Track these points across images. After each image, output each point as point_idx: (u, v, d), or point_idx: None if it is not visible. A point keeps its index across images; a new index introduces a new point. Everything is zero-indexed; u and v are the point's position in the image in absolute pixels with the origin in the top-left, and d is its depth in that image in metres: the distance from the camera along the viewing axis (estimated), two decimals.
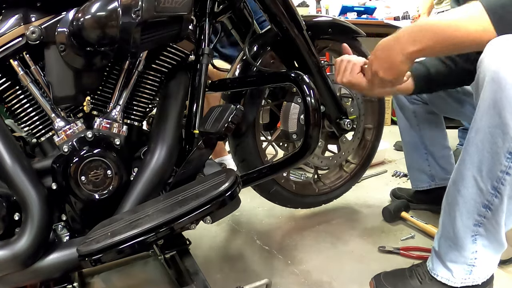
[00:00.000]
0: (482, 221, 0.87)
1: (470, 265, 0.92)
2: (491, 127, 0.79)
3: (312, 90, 0.96)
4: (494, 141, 0.79)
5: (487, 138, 0.81)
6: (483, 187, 0.84)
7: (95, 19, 0.77)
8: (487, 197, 0.84)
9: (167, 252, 1.06)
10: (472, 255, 0.91)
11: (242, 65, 1.22)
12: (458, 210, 0.89)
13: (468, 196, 0.87)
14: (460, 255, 0.92)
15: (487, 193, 0.84)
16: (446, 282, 0.94)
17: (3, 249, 0.77)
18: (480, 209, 0.86)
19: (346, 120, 1.32)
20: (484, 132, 0.81)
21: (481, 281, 0.93)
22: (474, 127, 0.83)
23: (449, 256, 0.94)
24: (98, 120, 0.88)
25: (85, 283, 1.14)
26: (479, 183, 0.84)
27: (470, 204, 0.87)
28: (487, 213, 0.86)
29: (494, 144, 0.80)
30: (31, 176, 0.80)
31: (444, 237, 0.95)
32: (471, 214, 0.88)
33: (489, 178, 0.83)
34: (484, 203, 0.85)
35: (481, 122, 0.81)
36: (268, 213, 1.57)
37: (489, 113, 0.79)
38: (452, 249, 0.93)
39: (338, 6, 3.49)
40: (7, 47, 0.81)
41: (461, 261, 0.92)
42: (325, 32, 1.31)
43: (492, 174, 0.82)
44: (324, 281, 1.12)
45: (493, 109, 0.78)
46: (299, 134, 1.22)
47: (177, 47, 0.98)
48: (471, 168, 0.85)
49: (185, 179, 0.93)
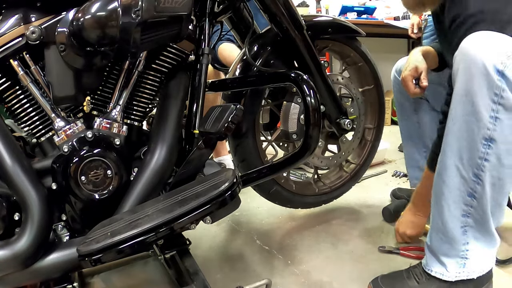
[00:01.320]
0: (469, 210, 0.88)
1: (463, 257, 0.92)
2: (466, 115, 0.82)
3: (312, 90, 0.96)
4: (470, 128, 0.82)
5: (463, 127, 0.83)
6: (465, 175, 0.86)
7: (95, 19, 0.77)
8: (471, 185, 0.86)
9: (167, 252, 1.06)
10: (464, 247, 0.91)
11: (242, 65, 1.22)
12: (444, 200, 0.91)
13: (453, 185, 0.88)
14: (452, 248, 0.92)
15: (470, 181, 0.86)
16: (441, 277, 0.94)
17: (3, 249, 0.77)
18: (465, 198, 0.88)
19: (346, 120, 1.32)
20: (460, 121, 0.84)
21: (476, 275, 0.93)
22: (451, 117, 0.86)
23: (441, 250, 0.94)
24: (98, 120, 0.88)
25: (85, 283, 1.14)
26: (462, 172, 0.86)
27: (455, 194, 0.89)
28: (473, 202, 0.87)
29: (470, 132, 0.82)
30: (31, 176, 0.80)
31: (435, 230, 0.96)
32: (457, 204, 0.89)
33: (470, 166, 0.85)
34: (469, 191, 0.87)
35: (456, 111, 0.84)
36: (268, 213, 1.57)
37: (462, 102, 0.82)
38: (444, 242, 0.93)
39: (338, 6, 3.49)
40: (7, 47, 0.82)
41: (453, 254, 0.92)
42: (325, 32, 1.31)
43: (472, 162, 0.84)
44: (324, 281, 1.12)
45: (466, 98, 0.81)
46: (299, 134, 1.22)
47: (177, 47, 0.98)
48: (452, 157, 0.87)
49: (185, 179, 0.93)
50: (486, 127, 0.80)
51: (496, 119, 0.79)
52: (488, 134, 0.81)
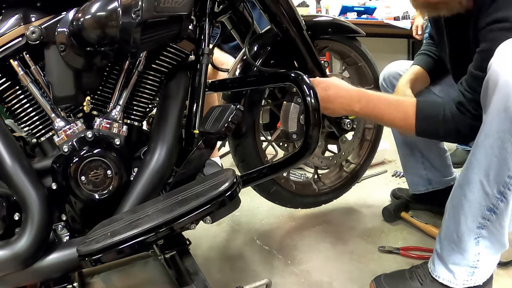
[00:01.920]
0: (485, 223, 0.87)
1: (473, 267, 0.92)
2: (501, 132, 0.79)
3: (312, 90, 0.96)
4: (504, 146, 0.79)
5: (496, 143, 0.80)
6: (489, 191, 0.84)
7: (95, 19, 0.77)
8: (493, 201, 0.84)
9: (167, 252, 1.06)
10: (475, 257, 0.91)
11: (242, 65, 1.22)
12: (463, 214, 0.89)
13: (474, 199, 0.87)
14: (463, 258, 0.91)
15: (493, 197, 0.84)
16: (448, 284, 0.94)
17: (3, 249, 0.77)
18: (484, 212, 0.86)
19: (346, 120, 1.32)
20: (493, 137, 0.80)
21: (482, 281, 0.93)
22: (483, 132, 0.83)
23: (451, 259, 0.93)
24: (98, 120, 0.88)
25: (85, 283, 1.14)
26: (486, 187, 0.84)
27: (475, 208, 0.87)
28: (492, 216, 0.86)
29: (503, 149, 0.79)
30: (31, 176, 0.80)
31: (447, 240, 0.94)
32: (475, 218, 0.87)
33: (496, 182, 0.83)
34: (489, 207, 0.85)
35: (491, 127, 0.81)
36: (268, 213, 1.57)
37: (499, 118, 0.78)
38: (455, 252, 0.92)
39: (338, 6, 3.49)
40: (7, 47, 0.81)
41: (464, 263, 0.92)
42: (325, 32, 1.31)
43: (499, 179, 0.82)
44: (324, 281, 1.12)
45: (504, 114, 0.77)
46: (299, 134, 1.21)
47: (177, 47, 0.98)
48: (478, 172, 0.85)
49: (185, 179, 0.93)
50: None
51: None
52: None
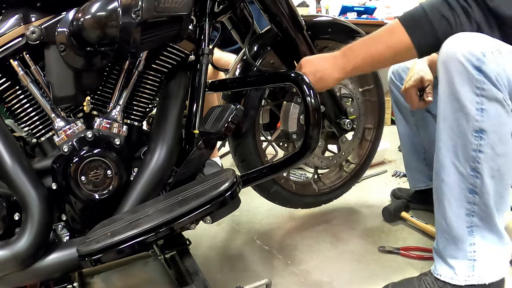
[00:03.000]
0: (473, 208, 0.89)
1: (471, 259, 0.91)
2: (454, 112, 0.86)
3: (312, 90, 0.96)
4: (460, 123, 0.85)
5: (454, 123, 0.86)
6: (463, 171, 0.87)
7: (95, 19, 0.77)
8: (470, 180, 0.87)
9: (167, 252, 1.06)
10: (471, 248, 0.91)
11: (242, 65, 1.22)
12: (446, 199, 0.91)
13: (452, 182, 0.90)
14: (458, 249, 0.92)
15: (469, 176, 0.87)
16: (450, 281, 0.93)
17: (3, 249, 0.77)
18: (467, 195, 0.89)
19: (346, 120, 1.32)
20: (450, 118, 0.87)
21: (488, 281, 0.91)
22: (441, 116, 0.89)
23: (448, 251, 0.94)
24: (98, 120, 0.88)
25: (85, 283, 1.14)
26: (459, 168, 0.88)
27: (456, 192, 0.89)
28: (475, 198, 0.88)
29: (461, 127, 0.85)
30: (31, 176, 0.80)
31: (440, 231, 0.95)
32: (460, 202, 0.90)
33: (466, 160, 0.87)
34: (469, 188, 0.88)
35: (445, 110, 0.87)
36: (268, 213, 1.57)
37: (449, 100, 0.86)
38: (449, 243, 0.93)
39: (338, 6, 3.49)
40: (7, 47, 0.82)
41: (461, 255, 0.92)
42: (325, 32, 1.31)
43: (467, 156, 0.86)
44: (324, 281, 1.12)
45: (451, 95, 0.85)
46: (299, 134, 1.22)
47: (177, 47, 0.98)
48: (447, 154, 0.89)
49: (185, 179, 0.93)
50: (474, 119, 0.84)
51: (482, 110, 0.83)
52: (477, 126, 0.84)
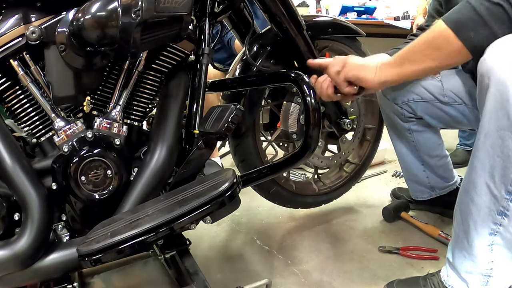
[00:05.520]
0: (498, 229, 0.84)
1: (486, 275, 0.88)
2: (500, 130, 0.77)
3: (312, 90, 0.96)
4: (505, 144, 0.77)
5: (497, 142, 0.78)
6: (497, 194, 0.81)
7: (95, 19, 0.77)
8: (502, 203, 0.81)
9: (167, 252, 1.06)
10: (488, 265, 0.87)
11: (242, 65, 1.22)
12: (472, 219, 0.86)
13: (482, 204, 0.84)
14: (475, 265, 0.88)
15: (502, 199, 0.81)
16: None
17: (3, 249, 0.77)
18: (495, 217, 0.83)
19: (346, 120, 1.32)
20: (493, 136, 0.78)
21: None
22: (482, 132, 0.80)
23: (464, 267, 0.90)
24: (98, 120, 0.88)
25: (85, 283, 1.14)
26: (493, 190, 0.81)
27: (484, 213, 0.84)
28: (503, 220, 0.83)
29: (505, 147, 0.77)
30: (31, 176, 0.80)
31: (458, 247, 0.91)
32: (486, 223, 0.85)
33: (503, 183, 0.80)
34: (500, 210, 0.82)
35: (489, 126, 0.78)
36: (268, 213, 1.57)
37: (497, 116, 0.76)
38: (467, 259, 0.89)
39: (338, 6, 3.49)
40: (7, 47, 0.81)
41: (477, 271, 0.88)
42: (325, 32, 1.31)
43: (505, 179, 0.79)
44: (324, 281, 1.12)
45: (501, 111, 0.75)
46: (299, 134, 1.22)
47: (177, 47, 0.98)
48: (482, 174, 0.82)
49: (185, 179, 0.93)
50: None
51: None
52: None
